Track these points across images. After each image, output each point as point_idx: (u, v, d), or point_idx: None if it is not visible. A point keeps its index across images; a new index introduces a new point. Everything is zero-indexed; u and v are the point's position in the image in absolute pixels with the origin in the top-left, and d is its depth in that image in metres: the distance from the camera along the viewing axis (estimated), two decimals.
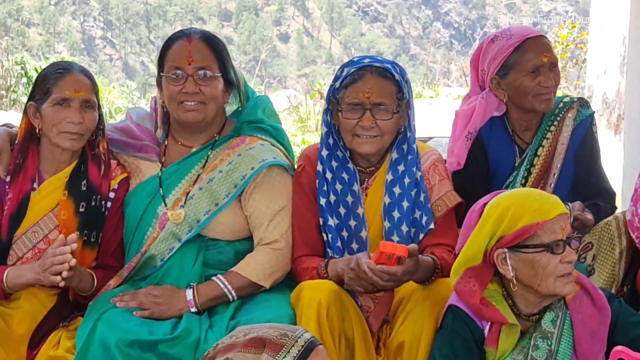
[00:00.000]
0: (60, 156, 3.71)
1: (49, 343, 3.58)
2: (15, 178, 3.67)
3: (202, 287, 3.64)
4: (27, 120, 3.70)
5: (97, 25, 68.34)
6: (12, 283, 3.55)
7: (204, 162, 3.77)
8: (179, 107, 3.71)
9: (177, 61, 3.70)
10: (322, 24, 77.37)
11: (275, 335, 2.64)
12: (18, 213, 3.66)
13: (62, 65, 3.74)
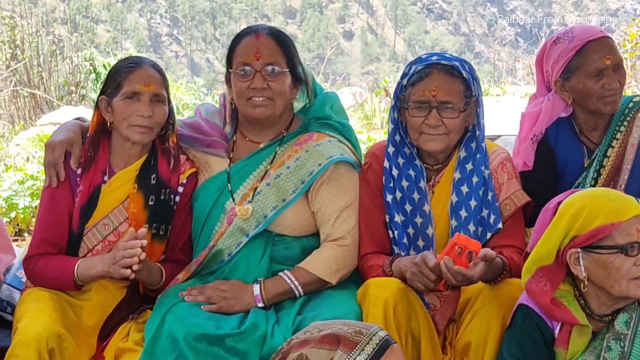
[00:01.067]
0: (131, 150, 3.75)
1: (119, 335, 3.62)
2: (87, 171, 3.72)
3: (269, 282, 3.65)
4: (98, 113, 3.75)
5: (164, 23, 69.03)
6: (83, 274, 3.60)
7: (271, 158, 3.78)
8: (247, 103, 3.73)
9: (245, 57, 3.72)
10: (387, 22, 77.14)
11: (349, 332, 2.62)
12: (89, 205, 3.71)
13: (133, 59, 3.78)
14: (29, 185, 6.33)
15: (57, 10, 16.80)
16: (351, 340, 2.61)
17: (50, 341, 3.39)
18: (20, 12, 11.95)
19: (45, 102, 11.06)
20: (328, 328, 2.66)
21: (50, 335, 3.40)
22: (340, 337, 2.62)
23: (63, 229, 3.72)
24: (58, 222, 3.72)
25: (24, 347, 3.34)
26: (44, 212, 3.75)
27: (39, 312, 3.50)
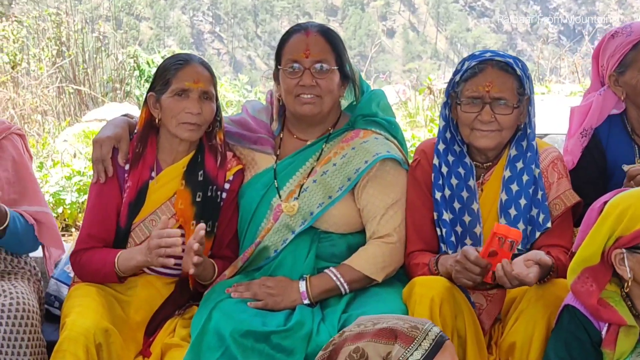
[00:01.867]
0: (178, 146, 3.78)
1: (165, 330, 3.64)
2: (135, 167, 3.75)
3: (315, 279, 3.66)
4: (147, 110, 3.78)
5: (206, 20, 69.36)
6: (124, 265, 3.63)
7: (318, 154, 3.79)
8: (295, 100, 3.74)
9: (294, 54, 3.72)
10: (428, 19, 76.87)
11: (405, 327, 2.62)
12: (137, 201, 3.74)
13: (182, 57, 3.80)
14: (76, 181, 6.38)
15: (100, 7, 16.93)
16: (408, 335, 2.61)
17: (98, 336, 3.42)
18: (66, 9, 12.06)
19: (90, 99, 11.15)
20: (383, 322, 2.66)
21: (98, 331, 3.43)
22: (397, 331, 2.62)
23: (110, 224, 3.76)
24: (105, 217, 3.75)
25: (72, 342, 3.38)
26: (92, 208, 3.79)
27: (87, 307, 3.53)
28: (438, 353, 2.62)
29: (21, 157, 3.95)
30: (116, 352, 3.49)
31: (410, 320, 2.72)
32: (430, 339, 2.62)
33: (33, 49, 11.48)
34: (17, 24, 11.66)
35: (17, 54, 11.02)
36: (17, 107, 9.95)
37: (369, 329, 2.65)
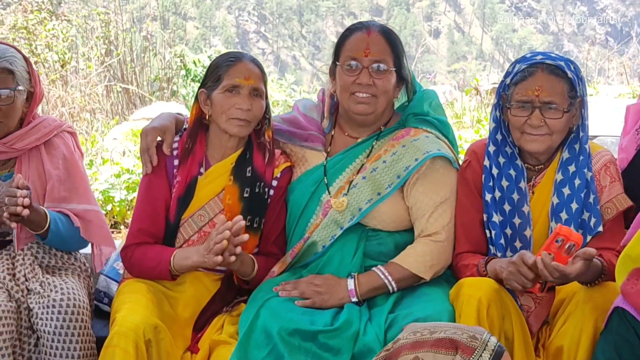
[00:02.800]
0: (227, 142, 3.81)
1: (213, 327, 3.66)
2: (184, 162, 3.79)
3: (363, 277, 3.67)
4: (197, 106, 3.82)
5: (251, 20, 69.63)
6: (179, 265, 3.66)
7: (368, 151, 3.80)
8: (350, 97, 3.75)
9: (354, 52, 3.73)
10: (474, 20, 76.52)
11: (464, 337, 2.62)
12: (185, 196, 3.77)
13: (234, 54, 3.83)
14: (124, 179, 6.44)
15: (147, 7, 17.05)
16: (468, 346, 2.60)
17: (147, 332, 3.45)
18: (115, 8, 12.17)
19: (137, 98, 11.25)
20: (439, 331, 2.65)
21: (147, 327, 3.46)
22: (457, 342, 2.62)
23: (160, 219, 3.79)
24: (155, 212, 3.79)
25: (122, 337, 3.41)
26: (141, 203, 3.83)
27: (137, 303, 3.57)
28: None
29: (72, 155, 4.01)
30: (165, 348, 3.51)
31: (467, 329, 2.70)
32: (490, 350, 2.61)
33: (82, 47, 11.61)
34: (66, 23, 11.78)
35: (66, 53, 11.14)
36: (67, 105, 10.06)
37: (426, 337, 2.64)
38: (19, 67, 3.84)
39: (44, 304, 3.65)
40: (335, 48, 3.83)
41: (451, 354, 2.58)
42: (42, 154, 3.93)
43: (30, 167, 3.90)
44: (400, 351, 2.62)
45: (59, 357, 3.62)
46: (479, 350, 2.58)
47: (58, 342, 3.62)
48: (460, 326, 2.68)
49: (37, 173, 3.90)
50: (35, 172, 3.90)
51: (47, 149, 3.96)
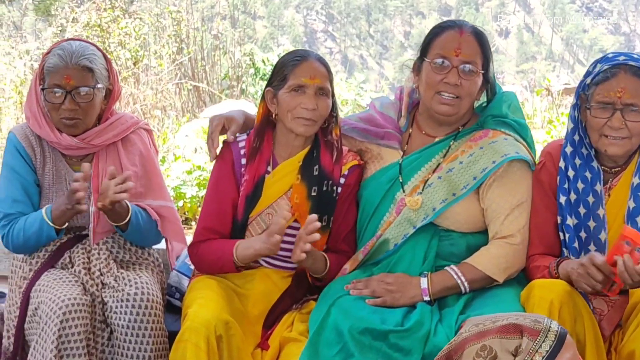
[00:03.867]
0: (294, 141, 3.82)
1: (283, 324, 3.67)
2: (252, 161, 3.80)
3: (435, 276, 3.65)
4: (264, 105, 3.82)
5: (319, 19, 69.80)
6: (242, 254, 3.67)
7: (445, 151, 3.77)
8: (435, 96, 3.72)
9: (444, 50, 3.69)
10: (544, 20, 75.73)
11: (527, 321, 2.62)
12: (253, 195, 3.78)
13: (300, 53, 3.82)
14: (196, 176, 6.50)
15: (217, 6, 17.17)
16: (532, 329, 2.61)
17: (219, 328, 3.47)
18: (187, 7, 12.29)
19: (207, 95, 11.34)
20: (502, 319, 2.66)
21: (219, 322, 3.48)
22: (522, 326, 2.62)
23: (226, 218, 3.81)
24: (222, 211, 3.81)
25: (193, 332, 3.43)
26: (209, 201, 3.86)
27: (208, 299, 3.59)
28: (564, 344, 2.61)
29: (148, 152, 4.06)
30: (236, 344, 3.53)
31: (528, 315, 2.71)
32: (554, 331, 2.61)
33: (154, 46, 11.74)
34: (139, 21, 11.94)
35: (138, 51, 11.28)
36: (138, 102, 10.19)
37: (488, 326, 2.64)
38: (99, 65, 3.90)
39: (119, 298, 3.71)
40: (424, 43, 3.78)
41: (517, 338, 2.58)
42: (119, 150, 4.00)
43: (107, 163, 3.96)
44: (465, 344, 2.63)
45: (132, 351, 3.68)
46: (543, 332, 2.59)
47: (131, 335, 3.67)
48: (521, 314, 2.67)
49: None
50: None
51: (124, 145, 4.02)
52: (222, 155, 3.88)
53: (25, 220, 3.84)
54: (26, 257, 3.96)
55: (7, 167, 3.94)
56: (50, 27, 12.71)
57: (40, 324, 3.66)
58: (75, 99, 3.82)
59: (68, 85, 3.81)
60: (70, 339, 3.61)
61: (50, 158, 3.97)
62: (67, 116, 3.85)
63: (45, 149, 3.97)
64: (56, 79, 3.81)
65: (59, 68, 3.81)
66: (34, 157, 3.95)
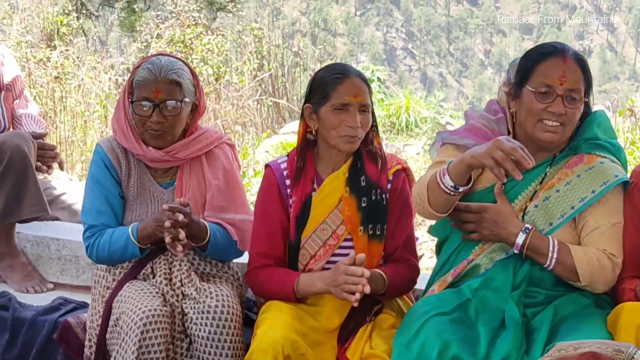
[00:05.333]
0: (336, 156, 3.80)
1: (359, 338, 3.65)
2: (297, 181, 3.79)
3: (536, 236, 3.52)
4: (304, 123, 3.82)
5: (399, 37, 69.81)
6: (304, 290, 3.68)
7: (541, 178, 3.64)
8: (537, 124, 3.57)
9: (549, 79, 3.53)
10: (627, 39, 74.56)
11: (609, 351, 2.57)
12: (302, 214, 3.77)
13: (339, 68, 3.79)
14: None
15: (297, 23, 17.24)
16: (612, 359, 2.55)
17: (286, 348, 3.46)
18: (268, 24, 12.42)
19: (287, 112, 11.44)
20: (585, 346, 2.61)
21: (287, 342, 3.48)
22: (600, 355, 2.57)
23: (278, 241, 3.81)
24: (272, 234, 3.81)
25: (261, 352, 3.44)
26: (258, 227, 3.86)
27: (277, 319, 3.59)
28: None
29: (231, 166, 4.10)
30: None
31: (613, 344, 2.64)
32: None
33: (236, 62, 11.88)
34: (221, 38, 12.09)
35: (220, 67, 11.42)
36: (219, 117, 10.30)
37: (570, 353, 2.60)
38: (186, 80, 3.95)
39: (199, 310, 3.74)
40: (525, 70, 3.62)
41: None
42: (203, 163, 4.04)
43: (191, 176, 4.01)
44: None
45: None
46: None
47: (211, 347, 3.70)
48: (607, 342, 2.61)
49: (197, 182, 4.01)
50: (195, 181, 4.01)
51: (208, 159, 4.06)
52: (266, 178, 3.88)
53: (111, 234, 3.90)
54: (109, 268, 4.02)
55: (93, 179, 4.01)
56: (135, 43, 12.94)
57: (121, 334, 3.70)
58: (162, 112, 3.88)
59: (156, 99, 3.87)
60: (150, 350, 3.65)
61: (135, 171, 4.03)
62: (154, 128, 3.91)
63: (131, 161, 4.03)
64: (145, 92, 3.87)
65: (149, 81, 3.87)
66: (119, 170, 4.01)
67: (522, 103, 3.61)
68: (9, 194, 4.68)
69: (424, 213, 3.61)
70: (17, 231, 4.92)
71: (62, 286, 4.88)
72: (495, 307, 3.55)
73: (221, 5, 18.39)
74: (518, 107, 3.64)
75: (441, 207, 3.56)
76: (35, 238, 4.95)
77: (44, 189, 4.89)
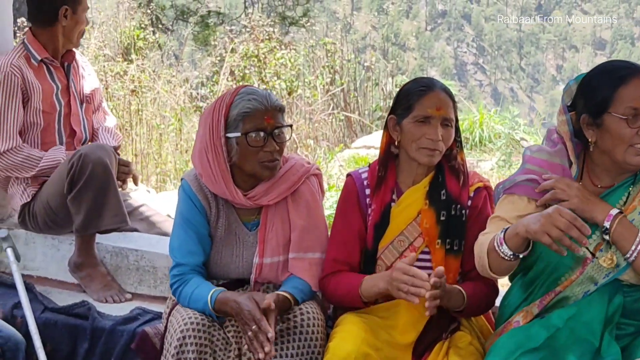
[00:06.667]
0: (418, 169, 3.80)
1: (435, 353, 3.64)
2: (377, 190, 3.80)
3: (624, 224, 3.39)
4: (387, 134, 3.83)
5: (470, 51, 69.42)
6: (367, 291, 3.68)
7: (624, 199, 3.51)
8: (628, 150, 3.41)
9: (634, 101, 3.39)
10: None
11: None
12: (381, 223, 3.78)
13: (424, 82, 3.79)
14: None
15: (367, 37, 17.24)
16: None
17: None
18: (341, 38, 12.47)
19: (359, 126, 11.46)
20: None
21: (359, 355, 3.49)
22: None
23: (355, 248, 3.83)
24: (350, 241, 3.83)
25: None
26: (337, 233, 3.87)
27: (349, 332, 3.60)
28: None
29: (315, 202, 4.01)
30: None
31: None
32: None
33: (308, 76, 11.94)
34: (294, 52, 12.16)
35: (293, 81, 11.49)
36: (292, 131, 10.36)
37: None
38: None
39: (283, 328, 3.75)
40: (604, 97, 3.44)
41: None
42: (288, 202, 3.96)
43: (275, 216, 3.95)
44: None
45: None
46: None
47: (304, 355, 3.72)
48: None
49: (281, 221, 3.95)
50: (279, 220, 3.95)
51: (293, 197, 3.96)
52: (346, 187, 3.91)
53: (192, 291, 3.84)
54: None
55: (182, 217, 3.96)
56: (209, 57, 13.09)
57: (165, 345, 3.77)
58: (275, 140, 3.81)
59: (269, 126, 3.79)
60: (187, 357, 3.67)
61: (224, 211, 3.97)
62: (269, 158, 3.83)
63: (219, 201, 3.96)
64: (256, 122, 3.78)
65: (259, 111, 3.78)
66: (209, 211, 3.96)
67: (607, 131, 3.42)
68: (91, 205, 4.76)
69: (486, 274, 3.52)
70: (96, 242, 4.99)
71: (140, 296, 4.95)
72: (586, 340, 3.43)
73: (293, 19, 18.54)
74: (600, 135, 3.45)
75: (504, 271, 3.49)
76: (114, 249, 5.03)
77: (123, 200, 4.97)
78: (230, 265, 3.99)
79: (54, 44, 5.11)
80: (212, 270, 4.01)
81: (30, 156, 4.96)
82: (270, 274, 3.95)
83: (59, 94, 5.11)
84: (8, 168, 4.98)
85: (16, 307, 4.59)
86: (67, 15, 5.06)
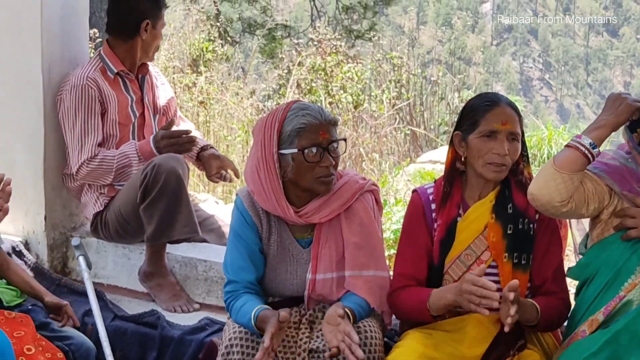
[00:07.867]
0: (484, 184, 3.80)
1: None
2: (443, 205, 3.81)
3: None
4: (452, 150, 3.83)
5: (536, 67, 68.82)
6: (435, 304, 3.66)
7: None
8: None
9: None
10: None
11: None
12: (447, 238, 3.78)
13: (490, 97, 3.79)
14: None
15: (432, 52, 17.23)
16: None
17: None
18: (408, 53, 12.45)
19: (424, 140, 11.42)
20: None
21: None
22: None
23: (421, 263, 3.82)
24: (416, 256, 3.83)
25: None
26: (403, 248, 3.89)
27: (407, 347, 3.62)
28: None
29: (370, 219, 3.97)
30: None
31: None
32: None
33: (375, 90, 11.94)
34: (361, 66, 12.18)
35: (359, 95, 11.49)
36: (357, 145, 10.37)
37: None
38: None
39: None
40: None
41: None
42: (341, 219, 3.94)
43: (329, 232, 3.94)
44: None
45: None
46: None
47: None
48: None
49: (334, 238, 3.93)
50: (333, 238, 3.94)
51: (346, 214, 3.94)
52: (412, 203, 3.91)
53: (240, 307, 3.84)
54: None
55: (235, 234, 3.96)
56: (277, 70, 13.17)
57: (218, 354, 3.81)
58: (331, 154, 3.82)
59: (324, 141, 3.79)
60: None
61: (276, 228, 3.97)
62: (325, 173, 3.82)
63: (272, 218, 3.96)
64: (311, 137, 3.77)
65: (314, 126, 3.78)
66: (260, 227, 3.96)
67: None
68: (163, 215, 4.82)
69: (546, 178, 3.51)
70: (166, 252, 5.06)
71: (208, 307, 5.00)
72: None
73: (360, 33, 18.58)
74: None
75: (571, 165, 3.45)
76: (184, 259, 5.09)
77: (194, 211, 5.01)
78: (285, 282, 4.00)
79: (132, 57, 5.19)
80: (267, 288, 4.02)
81: (105, 158, 5.02)
82: (324, 290, 3.94)
83: (133, 105, 5.19)
84: (89, 176, 5.05)
85: (87, 314, 4.66)
86: (148, 29, 5.13)
